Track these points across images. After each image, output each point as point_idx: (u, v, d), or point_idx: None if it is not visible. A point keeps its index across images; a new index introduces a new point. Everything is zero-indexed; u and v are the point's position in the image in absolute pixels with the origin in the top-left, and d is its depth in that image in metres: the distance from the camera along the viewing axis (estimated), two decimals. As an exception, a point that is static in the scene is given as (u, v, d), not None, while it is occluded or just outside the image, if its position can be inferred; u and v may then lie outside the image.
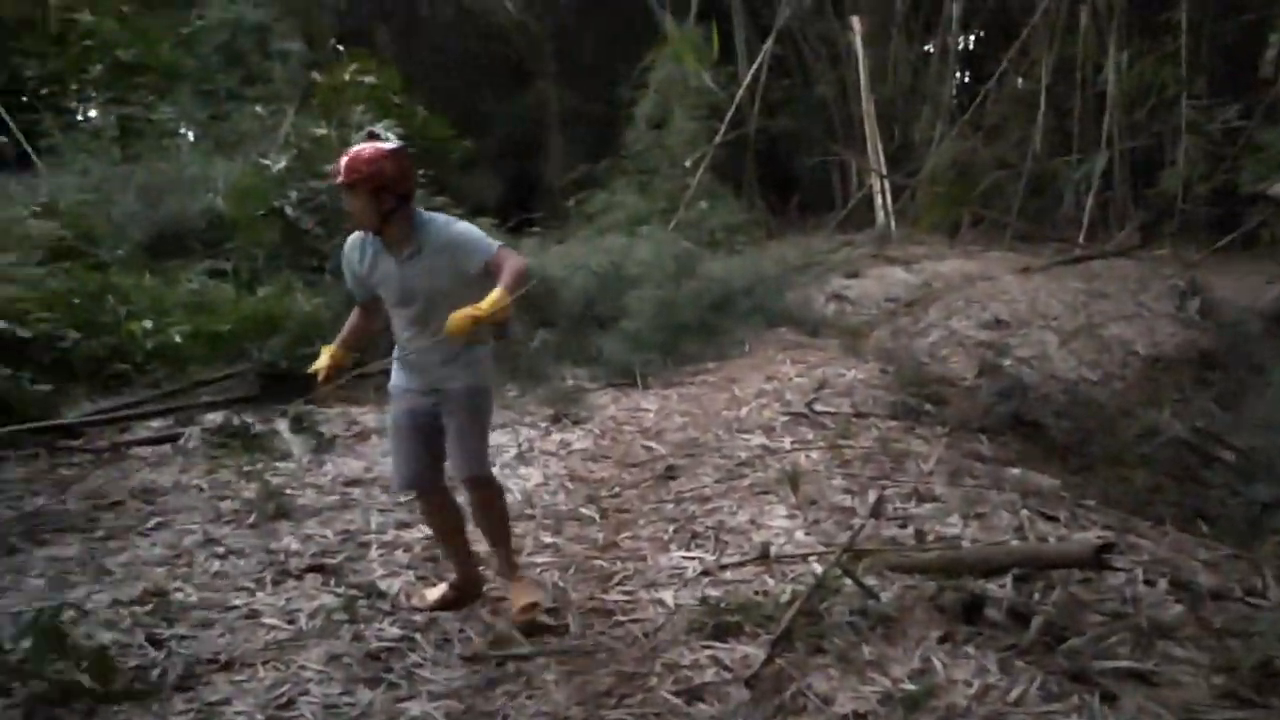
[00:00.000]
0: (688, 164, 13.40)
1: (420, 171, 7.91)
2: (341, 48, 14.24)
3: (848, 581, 3.28)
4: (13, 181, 9.72)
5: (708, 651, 2.99)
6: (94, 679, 2.75)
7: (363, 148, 3.14)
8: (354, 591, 3.49)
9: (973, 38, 17.19)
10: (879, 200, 14.09)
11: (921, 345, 7.85)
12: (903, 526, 3.94)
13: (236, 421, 5.68)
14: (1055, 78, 13.66)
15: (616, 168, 14.14)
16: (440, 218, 3.21)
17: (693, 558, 3.77)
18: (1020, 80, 14.79)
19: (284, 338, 6.89)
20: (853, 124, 15.43)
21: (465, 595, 3.43)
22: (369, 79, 7.93)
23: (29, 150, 12.40)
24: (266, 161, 7.58)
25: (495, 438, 5.65)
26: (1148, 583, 3.30)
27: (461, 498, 3.49)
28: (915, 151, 15.07)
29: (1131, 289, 10.00)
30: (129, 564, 3.79)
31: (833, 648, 2.94)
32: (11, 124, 12.82)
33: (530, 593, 3.33)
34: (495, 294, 2.94)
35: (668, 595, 3.44)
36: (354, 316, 3.42)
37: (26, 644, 2.90)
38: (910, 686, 2.71)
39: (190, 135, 13.03)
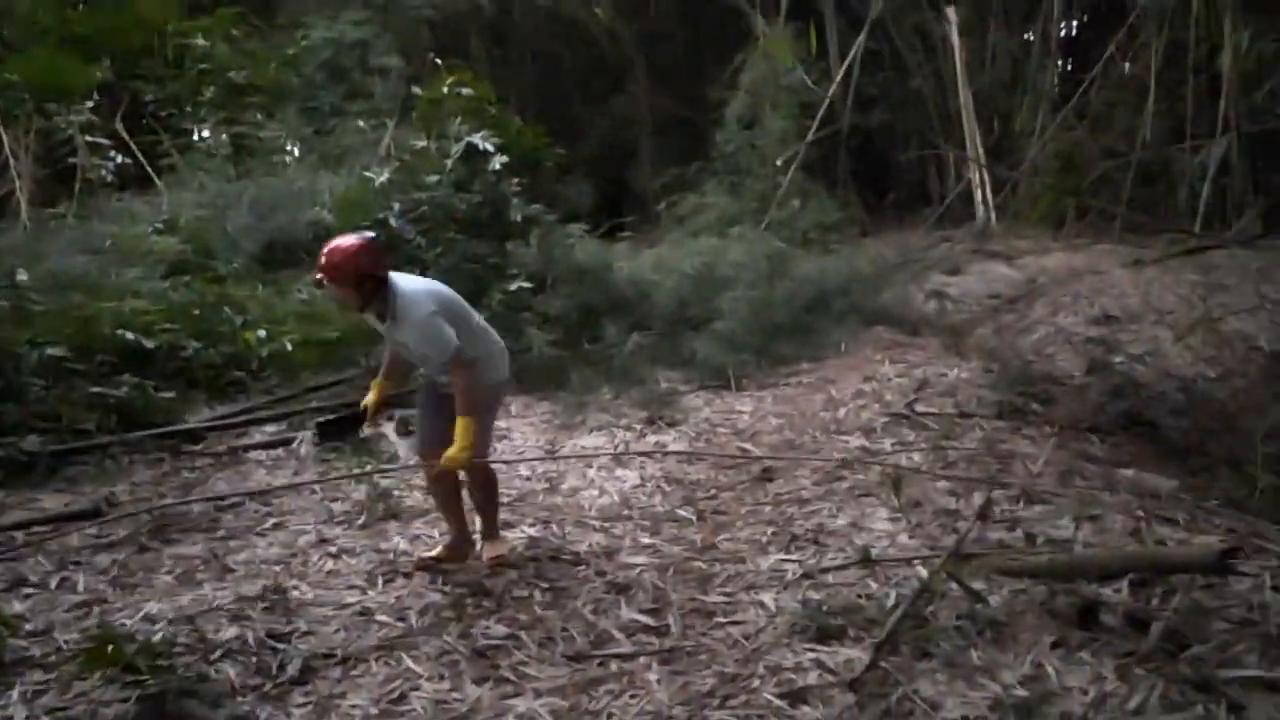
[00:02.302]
0: (779, 163, 13.30)
1: (515, 180, 8.11)
2: (439, 61, 14.61)
3: (954, 585, 3.21)
4: (137, 200, 10.31)
5: (810, 654, 2.97)
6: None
7: (335, 245, 3.47)
8: (460, 590, 3.59)
9: (1075, 24, 16.57)
10: (978, 194, 13.71)
11: (1027, 343, 7.62)
12: (1011, 530, 3.83)
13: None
14: (1165, 62, 13.05)
15: (707, 170, 14.14)
16: (409, 295, 3.50)
17: (792, 560, 3.75)
18: (1128, 66, 14.19)
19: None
20: (950, 117, 15.06)
21: (456, 553, 3.89)
22: (466, 91, 8.10)
23: (149, 170, 13.13)
24: (370, 174, 7.85)
25: (591, 439, 5.77)
26: (1276, 589, 3.13)
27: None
28: (1016, 143, 14.61)
29: (1253, 280, 9.47)
30: (249, 562, 3.98)
31: (940, 652, 2.88)
32: (133, 146, 13.59)
33: (500, 547, 3.90)
34: (460, 435, 3.44)
35: (768, 597, 3.43)
36: (387, 352, 3.89)
37: (158, 639, 3.08)
38: (1022, 693, 2.64)
39: (295, 151, 13.58)
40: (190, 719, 2.72)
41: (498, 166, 7.74)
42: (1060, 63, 16.00)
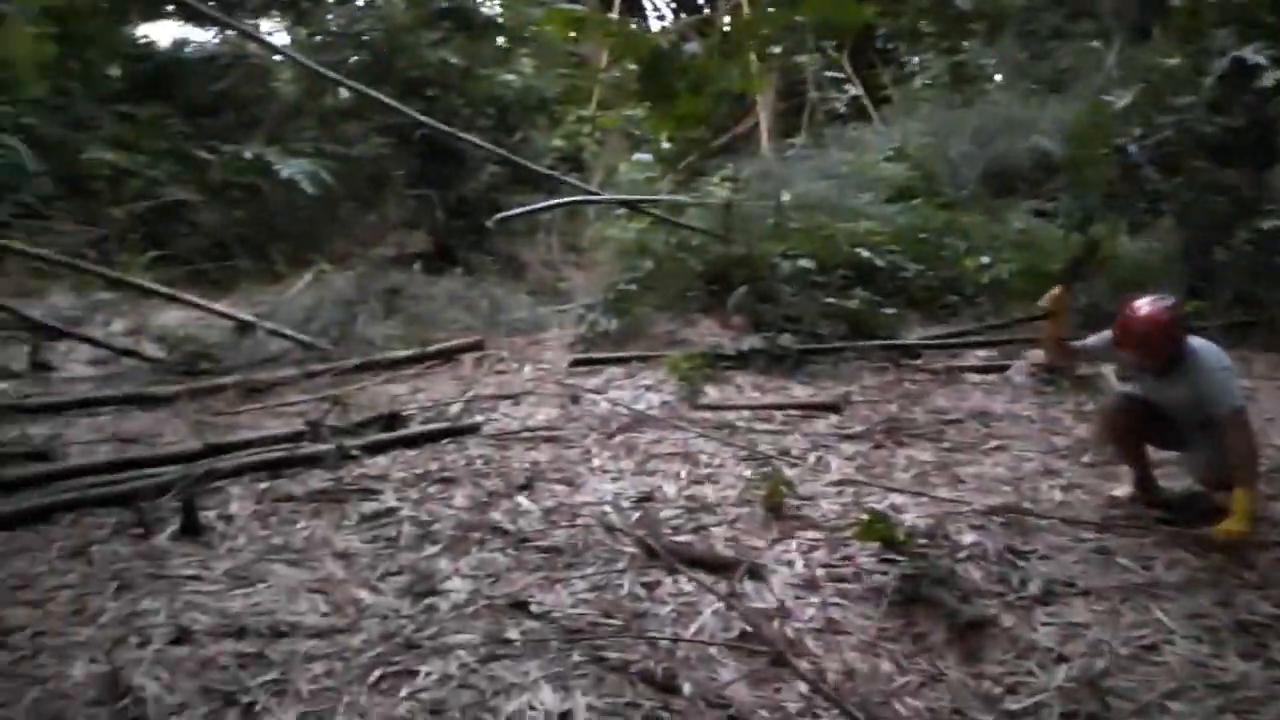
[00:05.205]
0: None
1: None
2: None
3: None
4: (866, 130, 11.16)
5: None
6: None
7: (1144, 320, 3.40)
8: (1214, 556, 3.28)
9: None
10: None
11: None
12: None
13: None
14: None
15: None
16: (1203, 356, 3.40)
17: None
18: None
19: (1109, 279, 6.74)
20: None
21: (1145, 491, 3.76)
22: (1249, -3, 7.02)
23: (866, 103, 14.10)
24: (1109, 99, 7.33)
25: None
26: None
27: None
28: None
29: None
30: (978, 476, 4.14)
31: None
32: (854, 80, 14.69)
33: (1238, 525, 3.25)
34: (1240, 504, 3.23)
35: None
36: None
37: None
38: None
39: (997, 77, 13.35)
40: (941, 606, 2.94)
41: (1271, 84, 6.61)
42: None
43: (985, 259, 6.93)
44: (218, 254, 9.14)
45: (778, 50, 7.36)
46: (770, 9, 6.49)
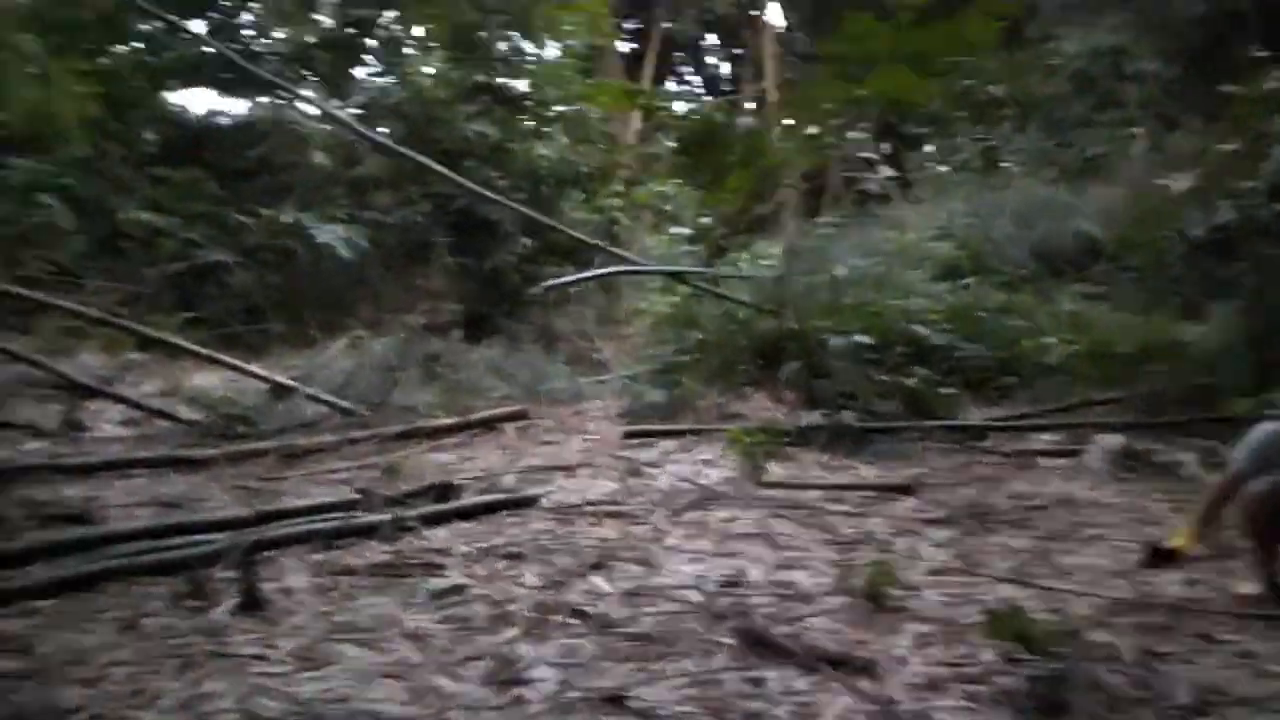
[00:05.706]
0: None
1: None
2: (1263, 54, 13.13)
3: None
4: (906, 209, 11.12)
5: None
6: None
7: None
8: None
9: None
10: None
11: None
12: None
13: (1139, 446, 5.53)
14: None
15: None
16: None
17: None
18: None
19: (1175, 365, 6.57)
20: None
21: (1275, 589, 3.49)
22: (1291, 87, 7.03)
23: (893, 185, 14.13)
24: (1165, 182, 7.26)
25: None
26: None
27: None
28: None
29: None
30: (1085, 568, 3.86)
31: None
32: (877, 159, 14.72)
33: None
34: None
35: None
36: (1219, 492, 3.62)
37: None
38: None
39: (1014, 165, 13.40)
40: (1086, 715, 2.66)
41: (1336, 171, 6.55)
42: None
43: (1049, 340, 6.76)
44: (250, 317, 8.99)
45: (832, 125, 7.30)
46: (832, 81, 6.41)
